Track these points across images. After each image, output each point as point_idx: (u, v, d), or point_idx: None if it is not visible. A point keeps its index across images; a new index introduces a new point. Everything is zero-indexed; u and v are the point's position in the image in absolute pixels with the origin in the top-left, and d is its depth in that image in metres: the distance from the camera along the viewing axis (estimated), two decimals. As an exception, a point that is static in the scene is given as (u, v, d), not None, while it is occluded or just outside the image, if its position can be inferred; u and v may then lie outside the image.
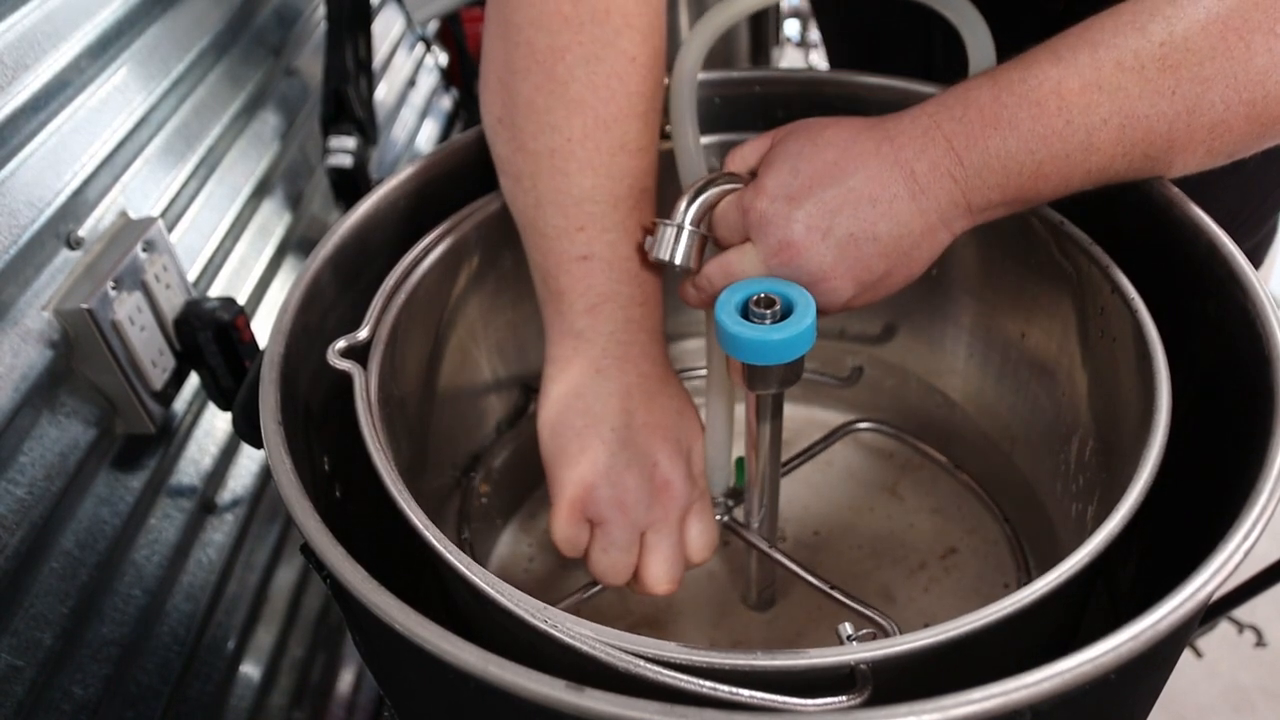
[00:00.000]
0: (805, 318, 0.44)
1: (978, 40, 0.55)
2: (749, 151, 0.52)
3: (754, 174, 0.51)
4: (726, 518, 0.58)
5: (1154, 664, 0.41)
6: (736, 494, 0.59)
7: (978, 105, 0.46)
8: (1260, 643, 1.15)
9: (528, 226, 0.54)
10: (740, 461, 0.58)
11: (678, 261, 0.52)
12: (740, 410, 0.57)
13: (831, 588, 0.54)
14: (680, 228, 0.51)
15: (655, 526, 0.53)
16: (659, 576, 0.53)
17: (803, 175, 0.48)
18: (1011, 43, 0.49)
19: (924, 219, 0.46)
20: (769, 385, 0.47)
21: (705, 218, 0.52)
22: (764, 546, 0.57)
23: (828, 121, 0.50)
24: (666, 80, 0.56)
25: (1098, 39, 0.45)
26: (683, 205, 0.52)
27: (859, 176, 0.47)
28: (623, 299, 0.53)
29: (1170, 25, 0.44)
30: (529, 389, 0.69)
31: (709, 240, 0.52)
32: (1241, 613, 1.11)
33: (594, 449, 0.52)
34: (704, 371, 0.73)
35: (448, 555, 0.40)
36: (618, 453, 0.53)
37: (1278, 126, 0.45)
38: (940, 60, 0.71)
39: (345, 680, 0.88)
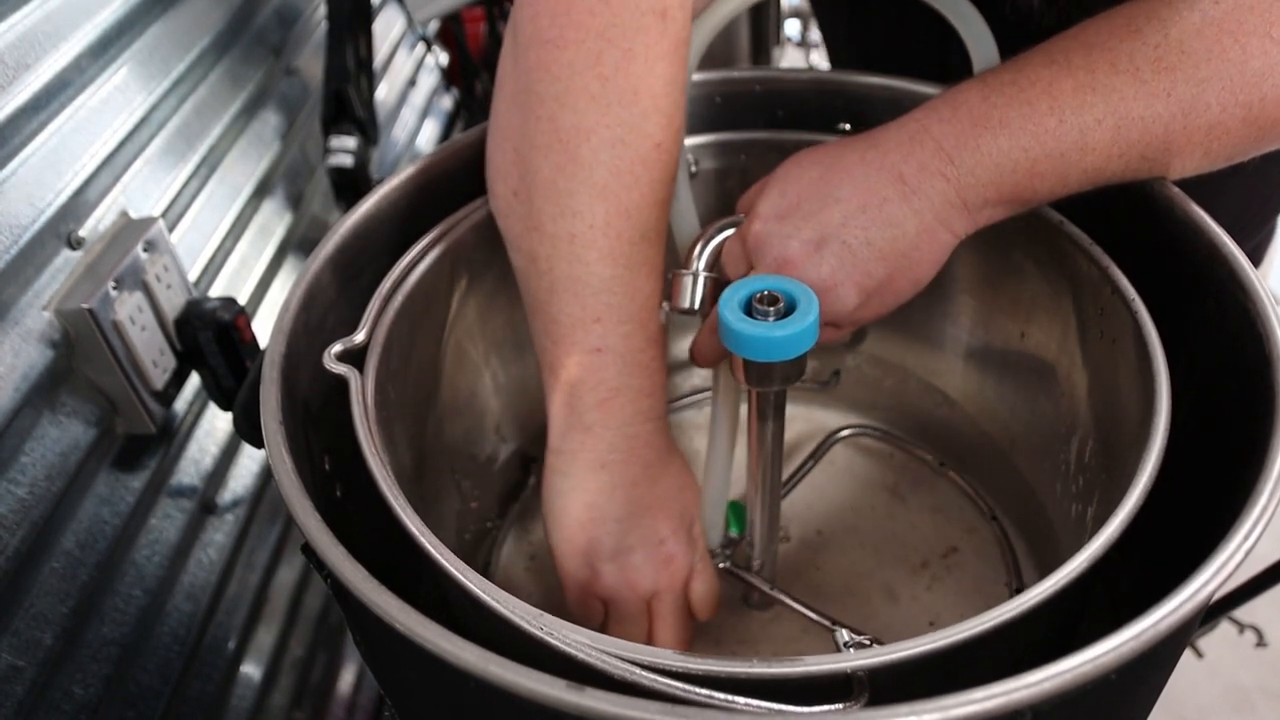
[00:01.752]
0: (808, 315, 0.44)
1: (978, 42, 0.55)
2: (751, 193, 0.53)
3: None
4: (727, 564, 0.60)
5: (1155, 664, 0.41)
6: (733, 542, 0.61)
7: (966, 106, 0.46)
8: (1261, 643, 1.15)
9: (539, 310, 0.52)
10: (733, 506, 0.60)
11: (697, 307, 0.53)
12: (740, 458, 0.58)
13: (834, 623, 0.55)
14: (696, 275, 0.53)
15: (661, 596, 0.54)
16: (669, 640, 0.55)
17: (790, 195, 0.49)
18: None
19: (919, 219, 0.46)
20: (771, 382, 0.47)
21: (717, 262, 0.53)
22: (766, 588, 0.59)
23: (815, 146, 0.51)
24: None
25: (1091, 41, 0.45)
26: (696, 252, 0.53)
27: (846, 187, 0.47)
28: (633, 392, 0.52)
29: (1165, 28, 0.44)
30: (529, 458, 0.70)
31: (721, 283, 0.53)
32: (1242, 613, 1.11)
33: (599, 539, 0.53)
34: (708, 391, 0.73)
35: (443, 561, 0.40)
36: (622, 539, 0.54)
37: (1275, 129, 0.45)
38: (956, 71, 0.70)
39: (346, 680, 0.88)
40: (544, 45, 0.47)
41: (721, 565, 0.60)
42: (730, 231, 0.53)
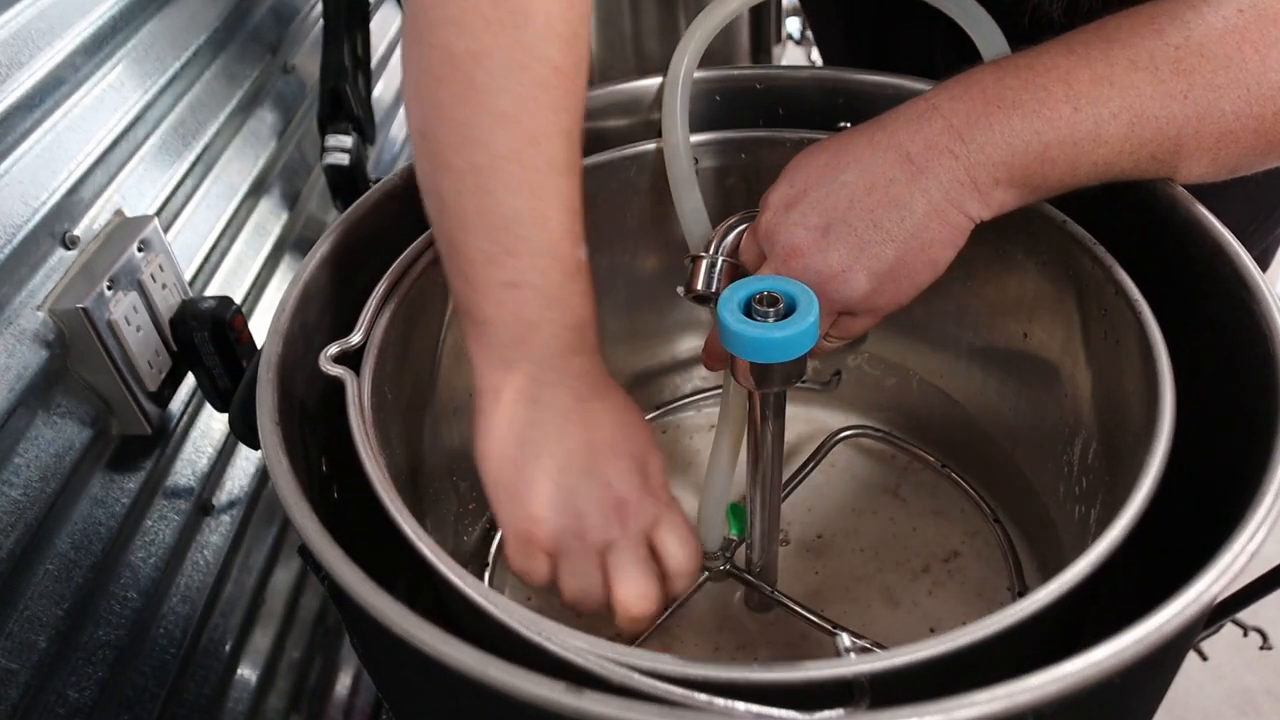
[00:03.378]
0: (807, 316, 0.44)
1: (987, 37, 0.55)
2: (770, 188, 0.53)
3: None
4: (727, 566, 0.60)
5: (1159, 667, 0.41)
6: (733, 544, 0.60)
7: (980, 86, 0.45)
8: (1265, 645, 1.14)
9: (451, 251, 0.49)
10: (733, 507, 0.59)
11: (713, 289, 0.53)
12: (740, 459, 0.58)
13: (834, 627, 0.55)
14: (715, 261, 0.53)
15: (614, 546, 0.48)
16: (630, 597, 0.48)
17: (799, 183, 0.49)
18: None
19: (927, 199, 0.45)
20: (771, 383, 0.47)
21: (736, 251, 0.54)
22: (766, 591, 0.58)
23: (828, 137, 0.50)
24: (661, 79, 0.56)
25: (1112, 36, 0.45)
26: (715, 239, 0.54)
27: (852, 171, 0.47)
28: (554, 326, 0.49)
29: (1187, 30, 0.43)
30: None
31: (739, 271, 0.53)
32: (1246, 615, 1.10)
33: (538, 481, 0.48)
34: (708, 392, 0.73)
35: (439, 565, 0.39)
36: (562, 481, 0.48)
37: None
38: (942, 68, 0.70)
39: (343, 683, 0.88)
40: None
41: (721, 567, 0.60)
42: (750, 223, 0.53)
